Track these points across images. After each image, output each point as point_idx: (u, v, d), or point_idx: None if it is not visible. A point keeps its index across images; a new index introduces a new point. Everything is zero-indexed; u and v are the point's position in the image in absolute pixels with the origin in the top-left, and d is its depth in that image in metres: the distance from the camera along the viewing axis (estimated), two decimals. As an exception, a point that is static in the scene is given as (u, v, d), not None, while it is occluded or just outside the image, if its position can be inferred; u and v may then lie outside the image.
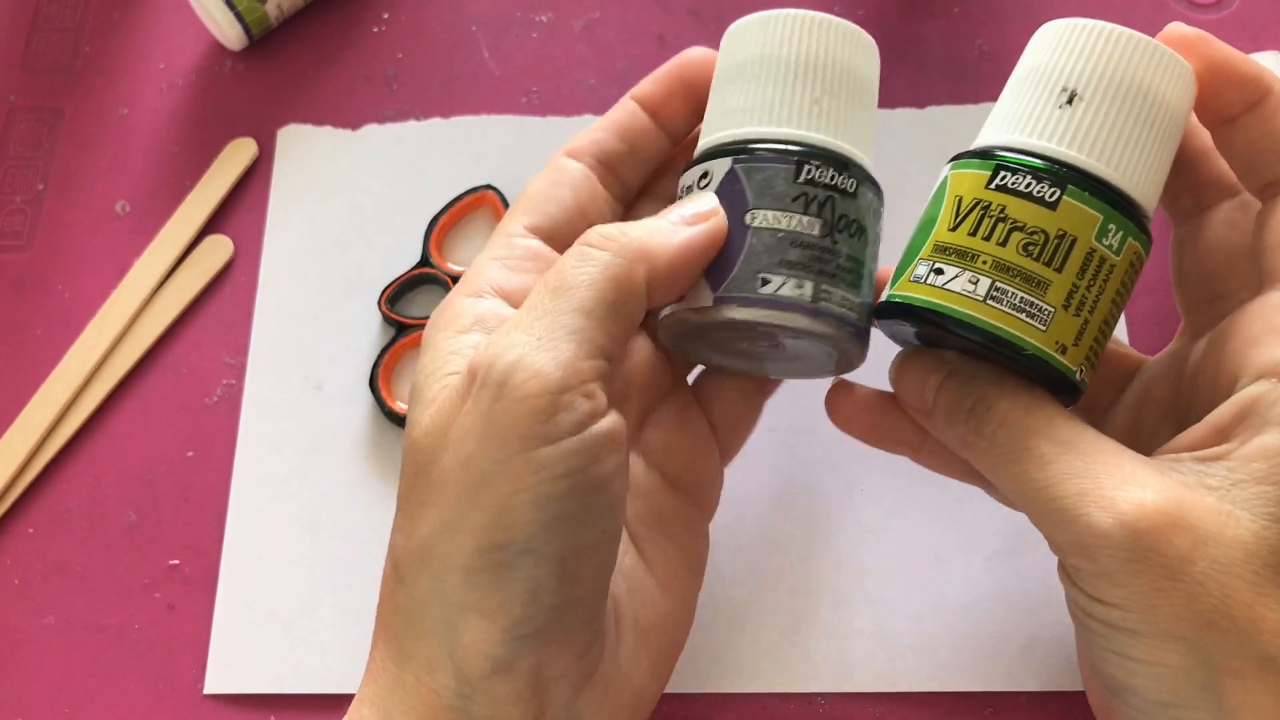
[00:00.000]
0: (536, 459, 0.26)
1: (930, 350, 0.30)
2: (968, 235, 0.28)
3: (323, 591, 0.38)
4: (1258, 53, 0.41)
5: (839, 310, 0.29)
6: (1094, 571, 0.26)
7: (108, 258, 0.43)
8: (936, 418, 0.30)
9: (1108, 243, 0.28)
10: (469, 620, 0.27)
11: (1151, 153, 0.28)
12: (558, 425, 0.26)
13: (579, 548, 0.27)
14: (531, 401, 0.26)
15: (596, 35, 0.46)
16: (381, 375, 0.40)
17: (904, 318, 0.29)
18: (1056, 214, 0.28)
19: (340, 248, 0.43)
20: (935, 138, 0.43)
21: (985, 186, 0.28)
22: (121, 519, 0.39)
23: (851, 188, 0.29)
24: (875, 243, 0.30)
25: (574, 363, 0.26)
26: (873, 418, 0.33)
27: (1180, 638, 0.25)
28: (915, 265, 0.29)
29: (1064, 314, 0.28)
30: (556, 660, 0.27)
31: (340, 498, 0.39)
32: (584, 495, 0.26)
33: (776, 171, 0.29)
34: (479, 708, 0.27)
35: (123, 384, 0.41)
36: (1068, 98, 0.28)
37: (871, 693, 0.36)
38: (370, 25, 0.47)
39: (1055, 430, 0.28)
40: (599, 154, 0.32)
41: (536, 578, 0.26)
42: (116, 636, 0.38)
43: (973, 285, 0.28)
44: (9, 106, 0.46)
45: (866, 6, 0.46)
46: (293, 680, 0.37)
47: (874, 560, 0.37)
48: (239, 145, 0.45)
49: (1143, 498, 0.26)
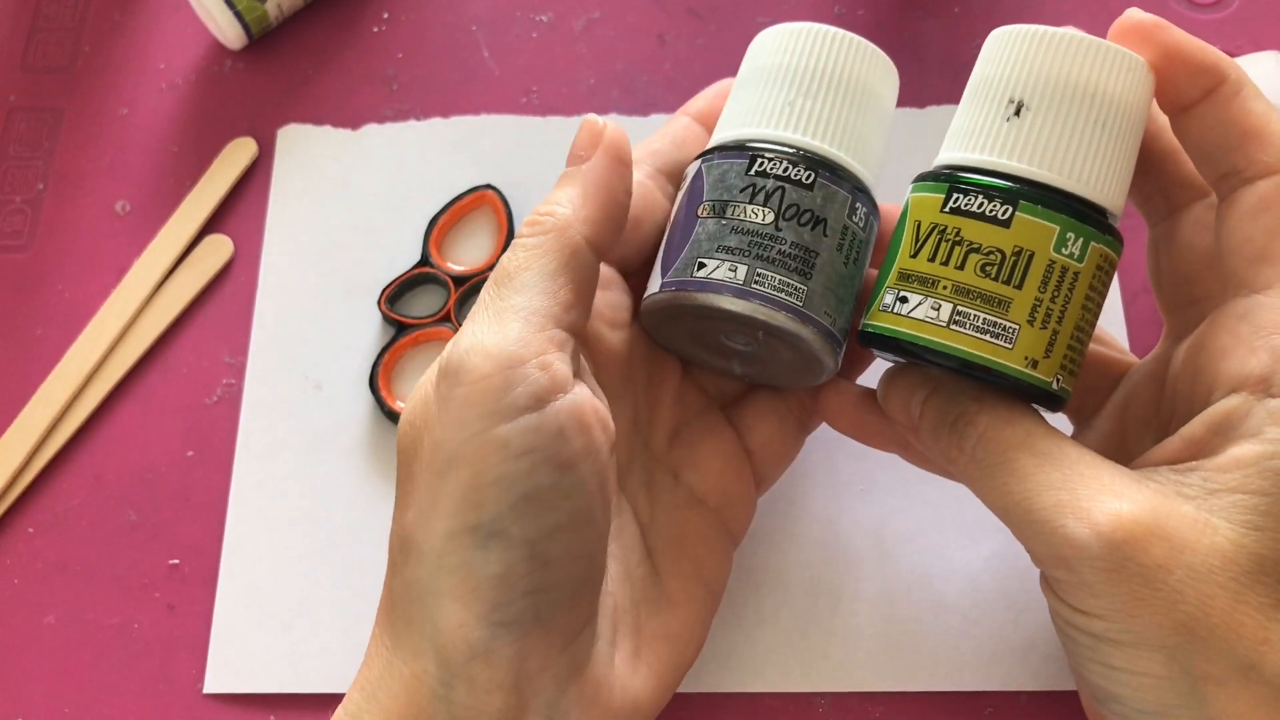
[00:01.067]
0: (497, 437, 0.26)
1: (915, 367, 0.30)
2: (927, 261, 0.28)
3: (322, 591, 0.38)
4: (1258, 53, 0.40)
5: (773, 294, 0.29)
6: (1073, 582, 0.26)
7: (108, 258, 0.43)
8: (922, 432, 0.30)
9: (1068, 252, 0.28)
10: (445, 606, 0.27)
11: (1108, 153, 0.28)
12: (515, 400, 0.26)
13: (548, 529, 0.27)
14: (485, 380, 0.27)
15: (596, 35, 0.46)
16: (381, 375, 0.40)
17: (875, 346, 0.30)
18: (1011, 231, 0.28)
19: (340, 248, 0.43)
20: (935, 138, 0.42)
21: (940, 210, 0.29)
22: (121, 519, 0.39)
23: (808, 180, 0.30)
24: (849, 237, 0.30)
25: (522, 335, 0.27)
26: (861, 416, 0.33)
27: (1160, 646, 0.25)
28: (883, 294, 0.29)
29: (1030, 329, 0.28)
30: (538, 651, 0.27)
31: (340, 498, 0.39)
32: (549, 474, 0.27)
33: (731, 166, 0.30)
34: (459, 695, 0.27)
35: (123, 384, 0.41)
36: (1015, 109, 0.28)
37: (871, 693, 0.36)
38: (370, 25, 0.47)
39: (1033, 443, 0.28)
40: (659, 164, 0.33)
41: (507, 561, 0.27)
42: (116, 636, 0.38)
43: (935, 311, 0.28)
44: (9, 106, 0.46)
45: (866, 6, 0.46)
46: (292, 680, 0.37)
47: (874, 560, 0.37)
48: (239, 145, 0.45)
49: (1119, 508, 0.26)
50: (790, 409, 0.34)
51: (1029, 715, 0.35)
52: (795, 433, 0.35)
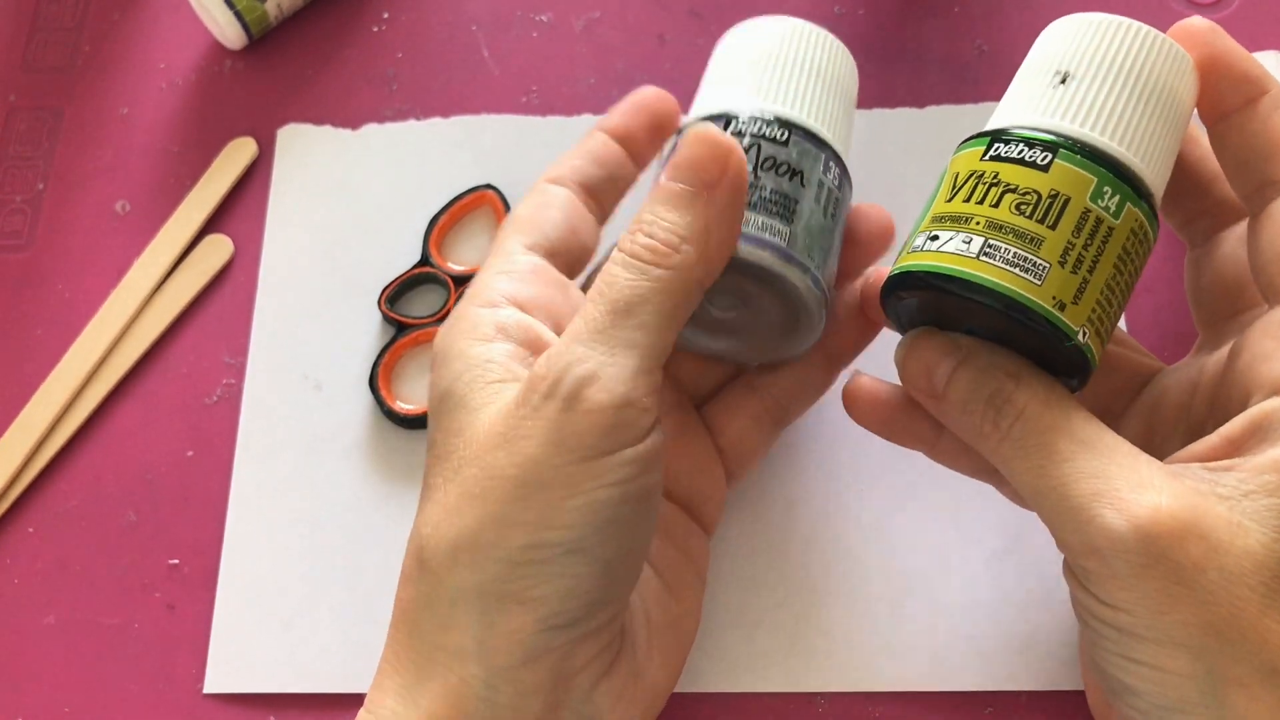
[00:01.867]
0: (596, 467, 0.27)
1: (941, 334, 0.30)
2: (962, 202, 0.28)
3: (322, 591, 0.38)
4: (1257, 52, 0.41)
5: (757, 234, 0.30)
6: (1104, 574, 0.26)
7: (108, 258, 0.43)
8: (948, 404, 0.29)
9: (1104, 205, 0.28)
10: (507, 610, 0.27)
11: (1149, 129, 0.28)
12: (621, 438, 0.27)
13: (624, 551, 0.28)
14: (600, 415, 0.27)
15: (596, 35, 0.46)
16: (381, 375, 0.40)
17: (901, 287, 0.29)
18: (1049, 175, 0.28)
19: (340, 248, 0.43)
20: (935, 138, 0.43)
21: (980, 159, 0.29)
22: (121, 519, 0.39)
23: (782, 137, 0.31)
24: (826, 191, 0.31)
25: (636, 378, 0.27)
26: (889, 413, 0.32)
27: (1187, 645, 0.25)
28: (913, 239, 0.29)
29: (1060, 271, 0.27)
30: (582, 653, 0.28)
31: (340, 498, 0.39)
32: (634, 503, 0.28)
33: None
34: (505, 697, 0.28)
35: (123, 384, 0.41)
36: (1061, 78, 0.29)
37: (871, 692, 0.36)
38: (370, 25, 0.47)
39: (1073, 427, 0.27)
40: (581, 180, 0.34)
41: (579, 575, 0.27)
42: (116, 636, 0.38)
43: (965, 244, 0.28)
44: (9, 106, 0.46)
45: (866, 6, 0.46)
46: (292, 680, 0.37)
47: (874, 560, 0.37)
48: (239, 145, 0.45)
49: (1158, 502, 0.25)
50: (765, 406, 0.35)
51: (1029, 715, 0.35)
52: (768, 429, 0.35)
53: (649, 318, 0.28)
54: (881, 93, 0.44)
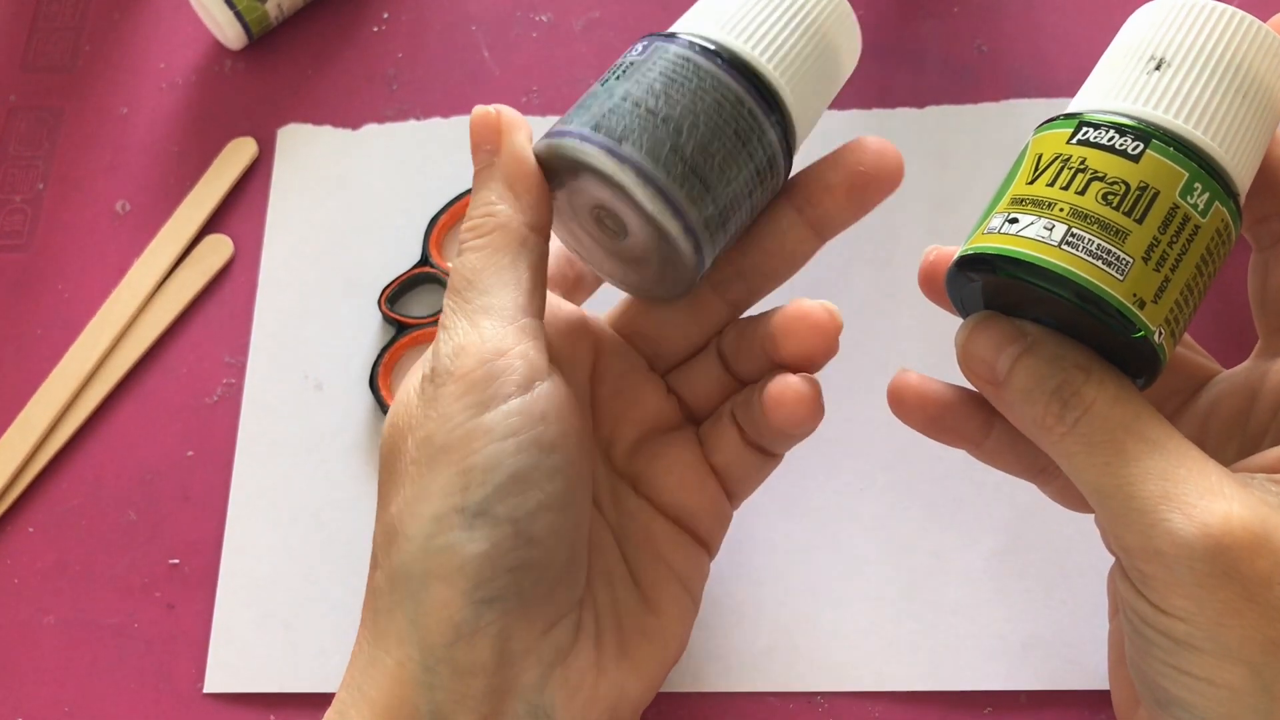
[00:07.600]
0: (484, 423, 0.27)
1: (1006, 320, 0.29)
2: (1045, 186, 0.27)
3: (322, 591, 0.38)
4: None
5: (590, 133, 0.29)
6: (1164, 579, 0.25)
7: (108, 258, 0.43)
8: (1010, 393, 0.28)
9: (1192, 201, 0.27)
10: (431, 587, 0.27)
11: (1243, 125, 0.27)
12: (500, 389, 0.28)
13: (531, 509, 0.28)
14: (470, 375, 0.28)
15: (596, 35, 0.46)
16: (381, 374, 0.40)
17: (975, 269, 0.28)
18: (1139, 166, 0.27)
19: (340, 247, 0.43)
20: (934, 138, 0.43)
21: (1067, 142, 0.27)
22: (121, 519, 0.39)
23: (707, 63, 0.29)
24: (726, 118, 0.29)
25: (498, 330, 0.28)
26: (937, 410, 0.31)
27: (1245, 660, 0.24)
28: (989, 219, 0.28)
29: (1143, 267, 0.26)
30: (520, 631, 0.28)
31: (340, 498, 0.39)
32: (533, 456, 0.28)
33: (653, 44, 0.31)
34: (442, 679, 0.27)
35: (123, 384, 0.41)
36: (1155, 65, 0.28)
37: (871, 692, 0.36)
38: (370, 25, 0.47)
39: (1143, 427, 0.26)
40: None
41: (492, 539, 0.27)
42: (116, 636, 0.38)
43: (1047, 231, 0.27)
44: (9, 106, 0.46)
45: (866, 6, 0.46)
46: (292, 679, 0.37)
47: (874, 560, 0.37)
48: (239, 145, 0.45)
49: (1229, 510, 0.24)
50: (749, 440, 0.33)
51: (1029, 715, 0.35)
52: (756, 463, 0.33)
53: (489, 278, 0.29)
54: (881, 93, 0.44)
